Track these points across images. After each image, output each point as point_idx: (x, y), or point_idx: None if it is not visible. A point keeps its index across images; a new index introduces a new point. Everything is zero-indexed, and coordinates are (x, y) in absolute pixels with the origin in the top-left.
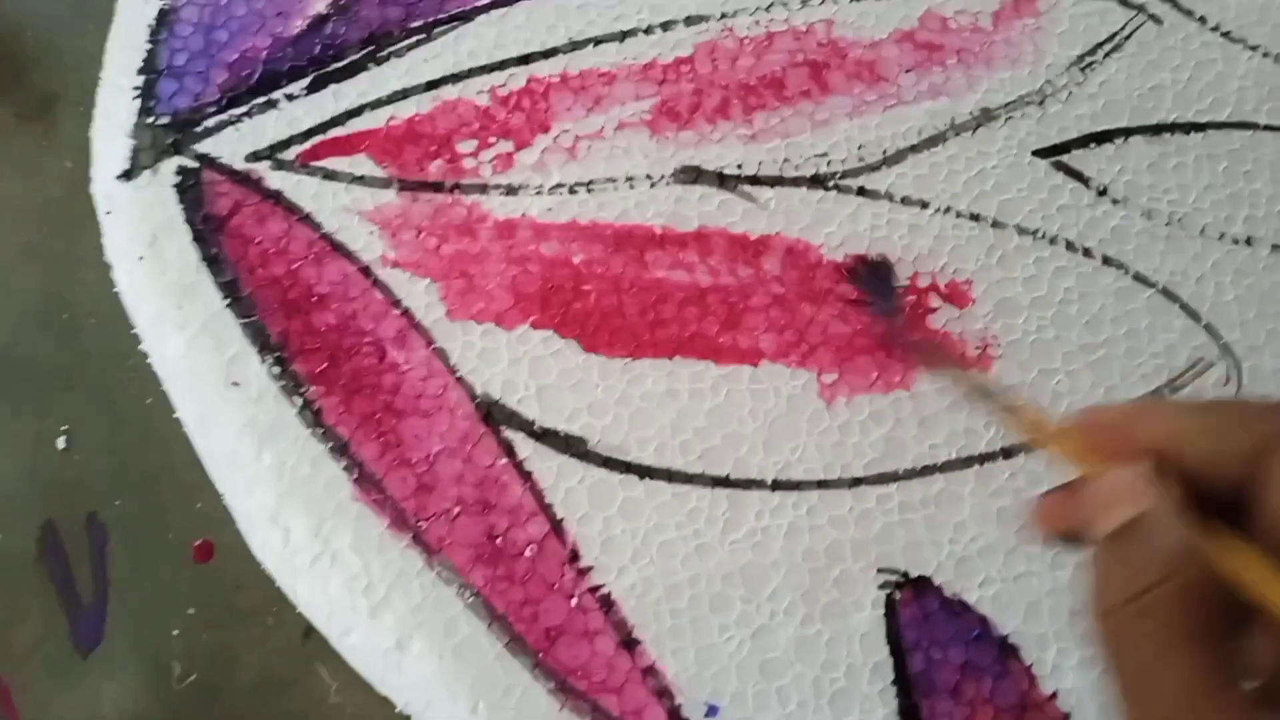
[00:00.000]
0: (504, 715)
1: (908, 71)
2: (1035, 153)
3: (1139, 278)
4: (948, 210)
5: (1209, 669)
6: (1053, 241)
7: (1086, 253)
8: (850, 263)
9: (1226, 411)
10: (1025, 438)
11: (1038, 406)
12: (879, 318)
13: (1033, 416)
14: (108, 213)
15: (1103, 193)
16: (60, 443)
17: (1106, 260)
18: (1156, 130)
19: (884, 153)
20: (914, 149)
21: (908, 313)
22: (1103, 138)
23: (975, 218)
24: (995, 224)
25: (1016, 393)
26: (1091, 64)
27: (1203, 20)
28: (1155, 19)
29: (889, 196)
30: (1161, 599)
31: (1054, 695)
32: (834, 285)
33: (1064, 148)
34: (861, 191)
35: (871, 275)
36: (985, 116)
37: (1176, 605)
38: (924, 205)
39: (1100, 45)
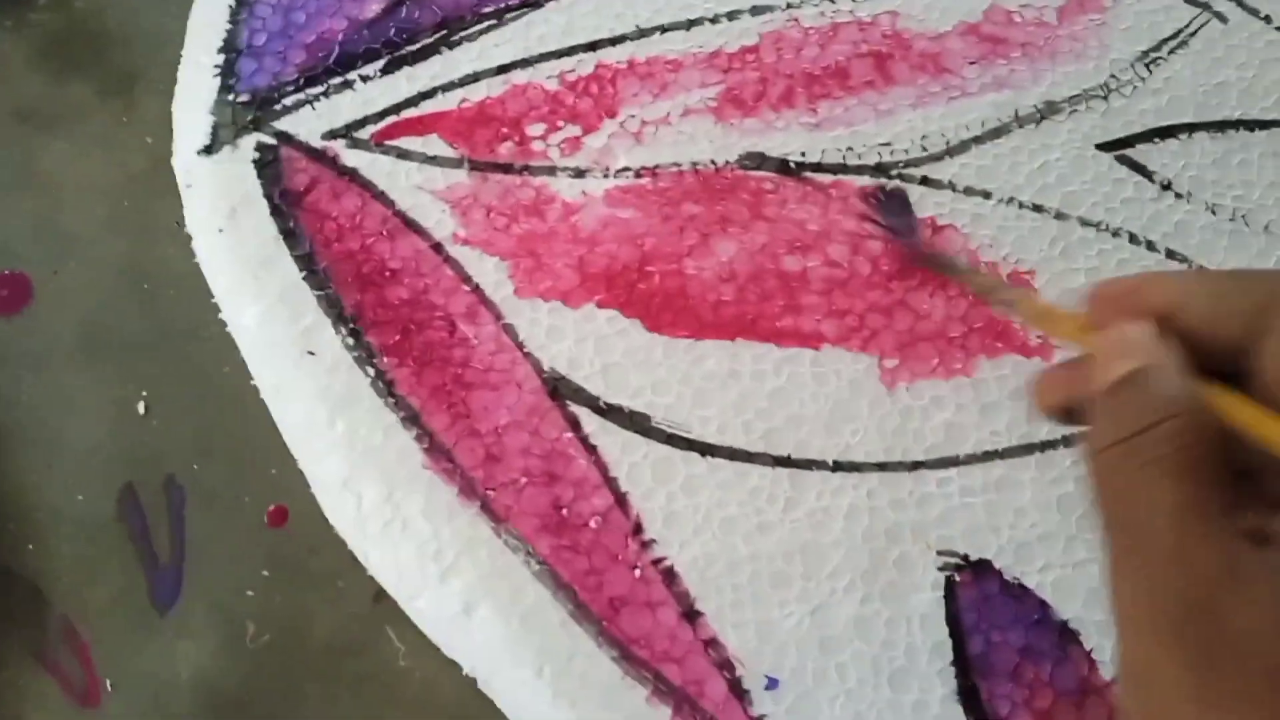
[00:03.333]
0: (568, 682)
1: (972, 64)
2: (1099, 146)
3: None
4: (1010, 201)
5: (1199, 500)
6: (1116, 234)
7: (1150, 246)
8: (869, 191)
9: (1229, 277)
10: (1038, 327)
11: (1049, 300)
12: (896, 240)
13: (1044, 306)
14: (188, 186)
15: (1167, 187)
16: (140, 408)
17: (1170, 254)
18: (1221, 126)
19: (947, 143)
20: (977, 140)
21: (922, 233)
22: (1167, 133)
23: (1038, 209)
24: (1058, 215)
25: (1029, 291)
26: (1156, 60)
27: (1267, 19)
28: (1220, 17)
29: (951, 186)
30: (1152, 438)
31: (1114, 681)
32: (896, 272)
33: (1128, 142)
34: (925, 181)
35: (889, 204)
36: (1049, 109)
37: (1170, 441)
38: (987, 196)
39: (1165, 41)
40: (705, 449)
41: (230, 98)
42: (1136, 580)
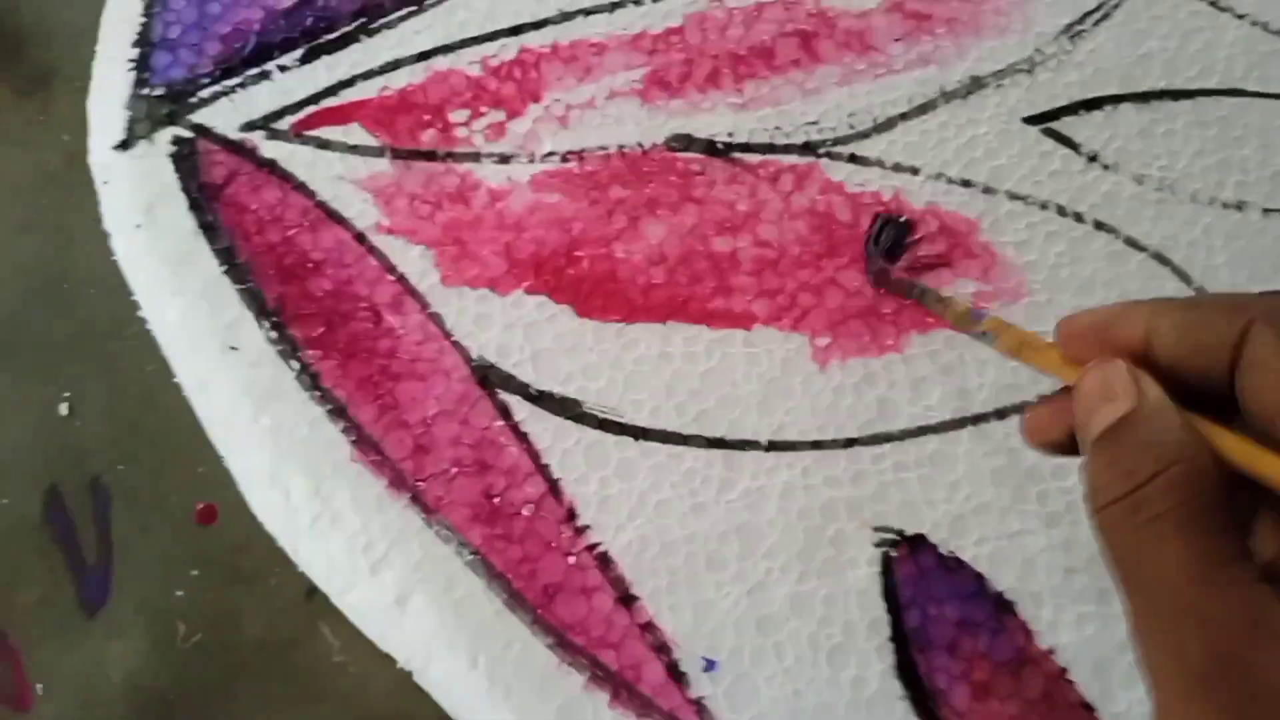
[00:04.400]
0: (504, 670)
1: (897, 40)
2: (1025, 120)
3: (1130, 242)
4: (939, 176)
5: (1209, 551)
6: (1044, 207)
7: (1078, 218)
8: (880, 214)
9: (1204, 305)
10: (1017, 358)
11: (1020, 327)
12: (875, 261)
13: (1023, 336)
14: (105, 183)
15: (1093, 159)
16: (63, 409)
17: (1098, 225)
18: (1145, 97)
19: (874, 120)
20: (904, 116)
21: (899, 261)
22: (1092, 105)
23: (966, 184)
24: (986, 190)
25: (997, 315)
26: (1080, 32)
27: None
28: None
29: (880, 163)
30: (1154, 493)
31: (1051, 650)
32: (826, 250)
33: (1054, 115)
34: (853, 158)
35: (887, 230)
36: (975, 84)
37: (1172, 494)
38: (915, 172)
39: (1089, 14)
40: (638, 433)
41: (145, 92)
42: (1160, 638)
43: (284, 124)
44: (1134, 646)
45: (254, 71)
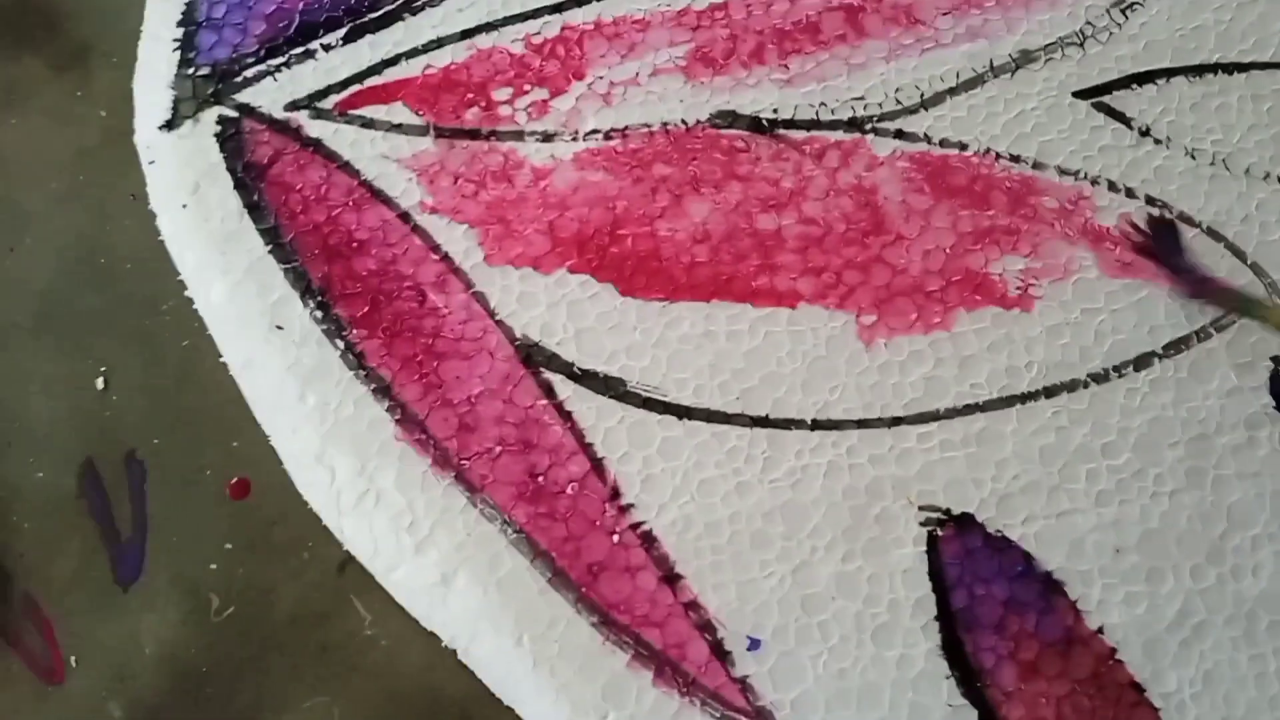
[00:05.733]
0: (548, 648)
1: (945, 15)
2: (1076, 94)
3: (1183, 217)
4: (987, 152)
5: None
6: (1095, 182)
7: (1129, 193)
8: (1132, 222)
9: None
10: None
11: None
12: (1177, 274)
13: None
14: (151, 162)
15: (1145, 133)
16: (99, 383)
17: (1150, 200)
18: (1199, 70)
19: (921, 96)
20: (952, 91)
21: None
22: (1144, 78)
23: (1015, 159)
24: (1036, 165)
25: None
26: (1132, 5)
27: None
28: None
29: (927, 139)
30: None
31: (1100, 630)
32: (872, 227)
33: (1105, 89)
34: (899, 134)
35: (1162, 237)
36: (1024, 58)
37: None
38: (963, 147)
39: None
40: (682, 412)
41: (190, 71)
42: None
43: (328, 103)
44: None
45: (298, 50)
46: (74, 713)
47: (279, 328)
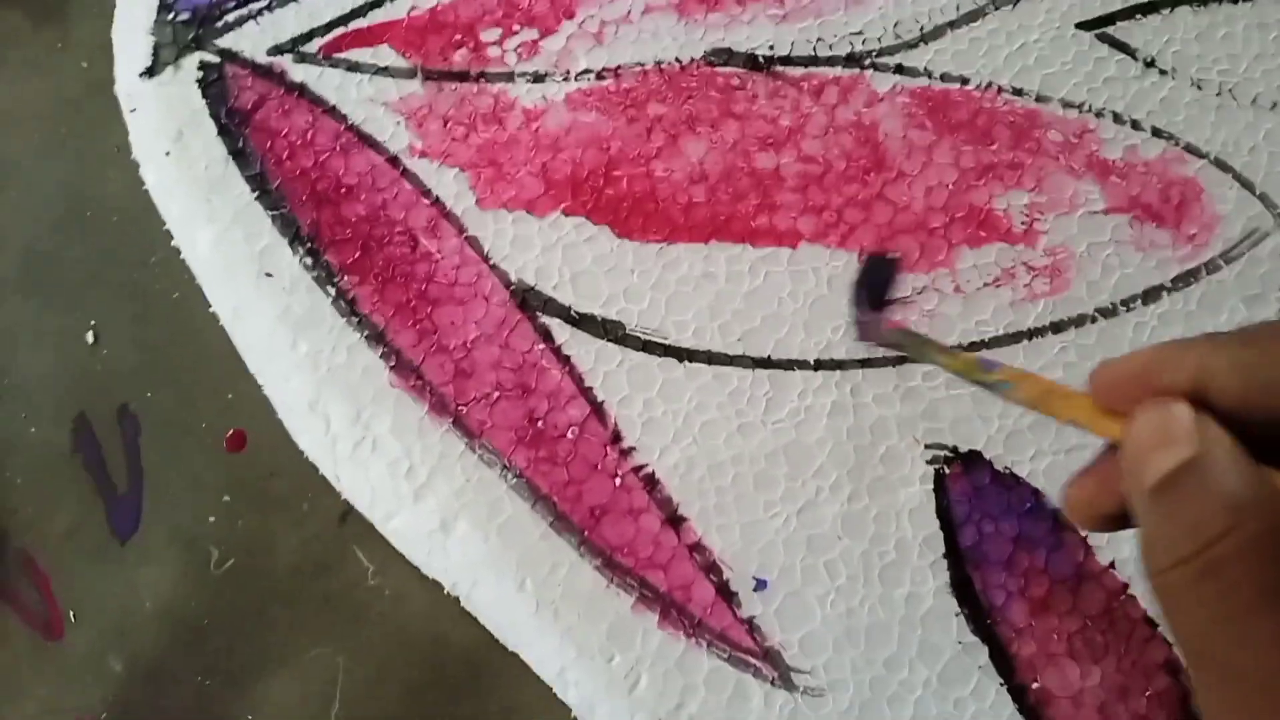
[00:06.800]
0: (551, 592)
1: None
2: (1079, 25)
3: (1190, 148)
4: (989, 85)
5: None
6: (1099, 114)
7: (1135, 125)
8: (868, 254)
9: (1263, 336)
10: (1041, 411)
11: (1040, 376)
12: (861, 309)
13: (1047, 386)
14: (132, 110)
15: (1150, 64)
16: (89, 337)
17: (1156, 132)
18: (1203, 0)
19: (921, 29)
20: (952, 25)
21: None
22: (1148, 8)
23: (1018, 92)
24: (1039, 98)
25: (1013, 366)
26: None
27: None
28: None
29: (927, 73)
30: (1227, 555)
31: (1111, 565)
32: (873, 165)
33: (1108, 19)
34: (899, 69)
35: (872, 271)
36: None
37: (1251, 556)
38: (964, 81)
39: None
40: (682, 354)
41: (170, 17)
42: (1234, 715)
43: (312, 47)
44: (1199, 711)
45: None
46: (74, 668)
47: (268, 275)
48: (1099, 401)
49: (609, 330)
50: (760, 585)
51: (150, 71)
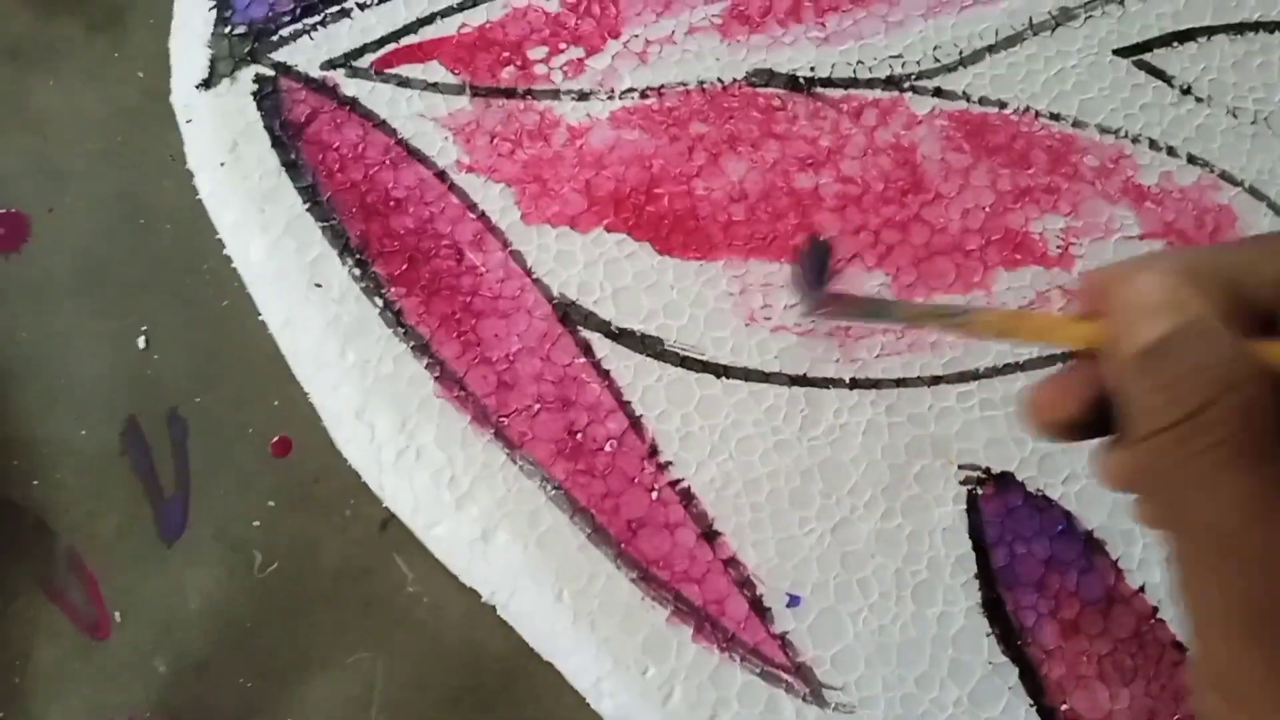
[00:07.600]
0: (588, 604)
1: None
2: (1116, 51)
3: (1225, 176)
4: (1026, 110)
5: (1270, 486)
6: (1135, 140)
7: (1170, 151)
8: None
9: (1245, 247)
10: (1007, 339)
11: (996, 307)
12: (803, 290)
13: (1008, 313)
14: (188, 121)
15: (1186, 91)
16: (140, 342)
17: (1191, 159)
18: (1240, 29)
19: (960, 53)
20: (991, 49)
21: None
22: (1185, 36)
23: (1055, 117)
24: (1076, 124)
25: (969, 305)
26: None
27: None
28: None
29: (966, 97)
30: (1212, 421)
31: (1141, 589)
32: (911, 186)
33: (1146, 46)
34: (938, 93)
35: (809, 255)
36: (1064, 15)
37: (1231, 422)
38: (1002, 105)
39: None
40: (720, 370)
41: (226, 30)
42: (1210, 583)
43: (364, 62)
44: (1177, 593)
45: (333, 9)
46: (119, 667)
47: (318, 285)
48: (1085, 303)
49: (648, 345)
50: (793, 601)
51: (207, 83)
